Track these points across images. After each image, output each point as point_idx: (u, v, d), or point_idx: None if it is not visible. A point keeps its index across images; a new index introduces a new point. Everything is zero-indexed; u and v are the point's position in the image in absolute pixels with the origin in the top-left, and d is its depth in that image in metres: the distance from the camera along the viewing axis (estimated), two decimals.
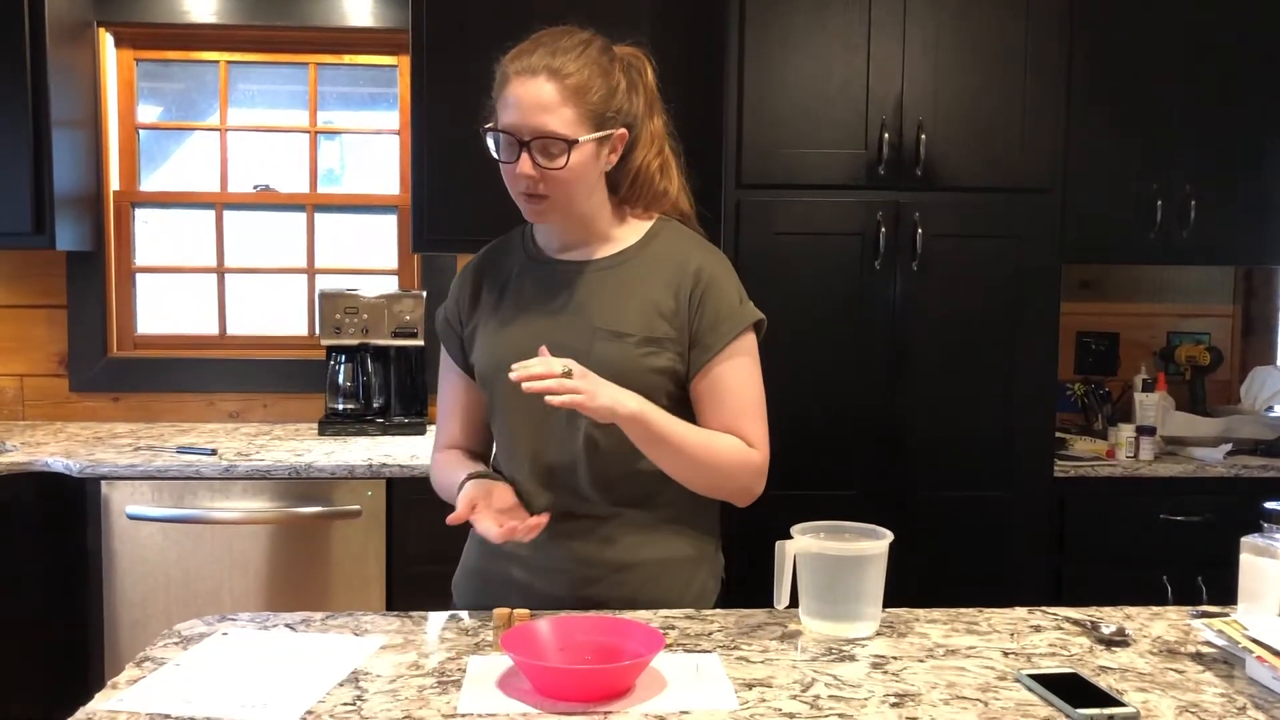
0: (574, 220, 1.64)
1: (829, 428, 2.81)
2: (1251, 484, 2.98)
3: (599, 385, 1.48)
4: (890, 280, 2.81)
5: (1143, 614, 1.62)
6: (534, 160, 1.54)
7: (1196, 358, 3.42)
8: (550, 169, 1.54)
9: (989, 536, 2.87)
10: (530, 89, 1.53)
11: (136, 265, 3.58)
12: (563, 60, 1.54)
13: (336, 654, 1.41)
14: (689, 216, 1.75)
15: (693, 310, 1.62)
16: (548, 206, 1.58)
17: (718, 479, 1.62)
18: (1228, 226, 3.18)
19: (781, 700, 1.28)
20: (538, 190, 1.56)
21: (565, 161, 1.54)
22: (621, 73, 1.61)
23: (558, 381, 1.44)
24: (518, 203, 1.61)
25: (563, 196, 1.58)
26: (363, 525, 2.83)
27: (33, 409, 3.48)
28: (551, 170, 1.54)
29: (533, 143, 1.53)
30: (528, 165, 1.54)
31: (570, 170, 1.55)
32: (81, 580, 2.82)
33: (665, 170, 1.72)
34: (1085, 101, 3.06)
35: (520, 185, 1.57)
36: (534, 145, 1.53)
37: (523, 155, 1.54)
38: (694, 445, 1.58)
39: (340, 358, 3.31)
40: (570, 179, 1.56)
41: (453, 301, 1.75)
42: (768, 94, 2.77)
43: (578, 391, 1.44)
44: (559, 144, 1.53)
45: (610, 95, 1.58)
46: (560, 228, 1.66)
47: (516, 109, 1.54)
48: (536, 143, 1.53)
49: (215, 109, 3.61)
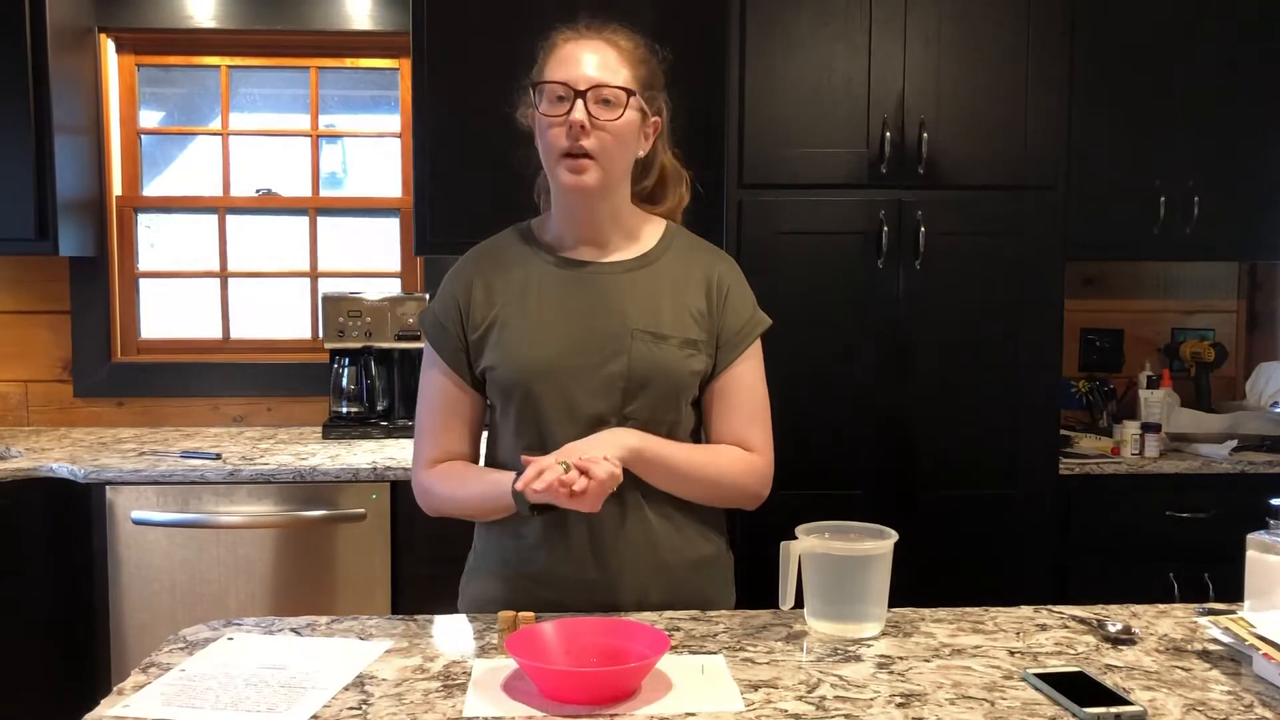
0: (604, 204, 1.62)
1: (832, 427, 2.81)
2: (1257, 480, 2.97)
3: (594, 464, 1.43)
4: (893, 279, 2.81)
5: (1149, 612, 1.62)
6: (589, 110, 1.54)
7: (1201, 354, 3.41)
8: (605, 119, 1.54)
9: (994, 535, 2.86)
10: (589, 47, 1.57)
11: (140, 270, 3.59)
12: (615, 34, 1.59)
13: (342, 658, 1.41)
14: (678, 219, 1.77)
15: (716, 316, 1.65)
16: (591, 167, 1.56)
17: (726, 491, 1.65)
18: (1231, 222, 3.17)
19: (787, 701, 1.28)
20: (584, 146, 1.54)
21: (621, 114, 1.55)
22: (657, 60, 1.65)
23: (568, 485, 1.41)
24: (555, 169, 1.58)
25: (607, 158, 1.57)
26: (367, 528, 2.83)
27: (37, 414, 3.49)
28: (606, 121, 1.54)
29: (589, 92, 1.54)
30: (581, 112, 1.53)
31: (623, 125, 1.56)
32: (87, 585, 2.83)
33: (678, 171, 1.75)
34: (1087, 98, 3.05)
35: (565, 141, 1.55)
36: (590, 95, 1.54)
37: (576, 103, 1.53)
38: (700, 466, 1.61)
39: (344, 361, 3.31)
40: (620, 136, 1.57)
41: (449, 304, 1.67)
42: (769, 93, 2.77)
43: (587, 477, 1.42)
44: (617, 93, 1.55)
45: (653, 77, 1.63)
46: (586, 216, 1.63)
47: (575, 63, 1.55)
48: (593, 92, 1.54)
49: (217, 113, 3.61)
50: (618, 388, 1.59)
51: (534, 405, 1.60)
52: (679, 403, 1.63)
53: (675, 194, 1.75)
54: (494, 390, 1.65)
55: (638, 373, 1.58)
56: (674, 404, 1.62)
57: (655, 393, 1.60)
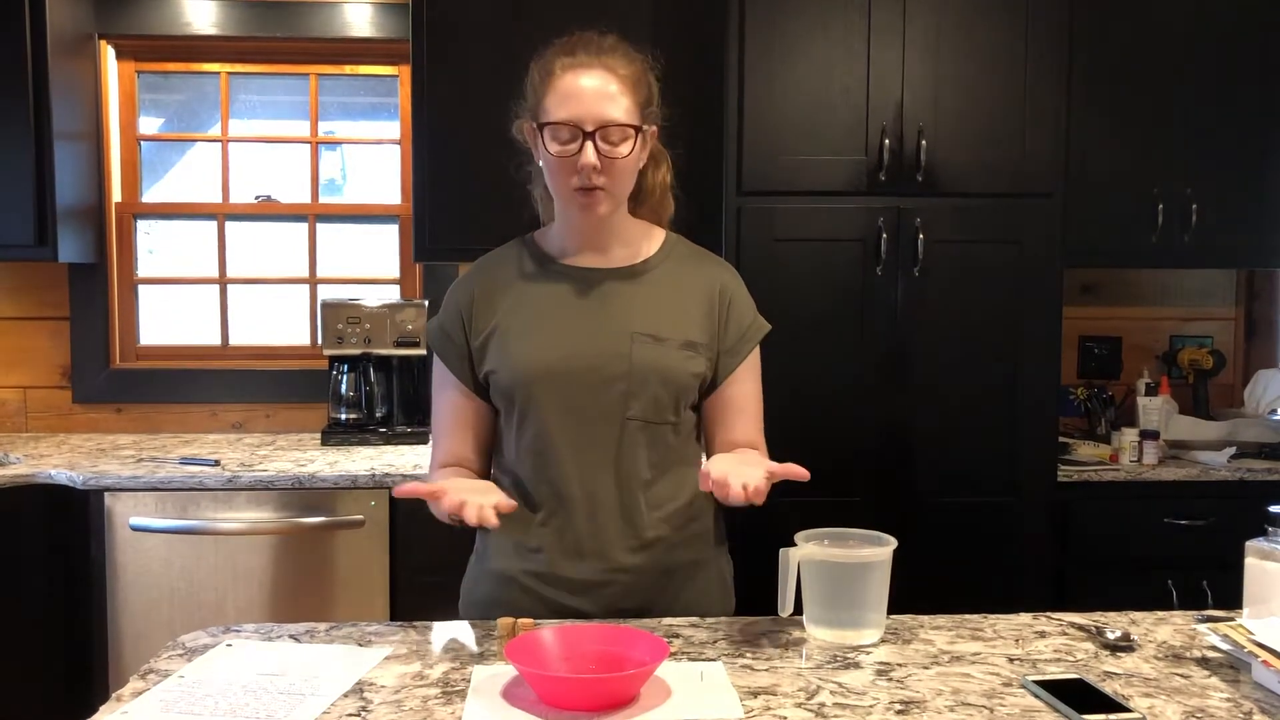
0: (611, 219, 1.64)
1: (831, 434, 2.81)
2: (1256, 487, 2.97)
3: (761, 495, 1.43)
4: (892, 286, 2.81)
5: (1148, 619, 1.62)
6: (598, 149, 1.54)
7: (1199, 361, 3.42)
8: (615, 157, 1.55)
9: (993, 542, 2.86)
10: (592, 80, 1.56)
11: (139, 276, 3.59)
12: (611, 57, 1.58)
13: (341, 665, 1.41)
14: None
15: (720, 323, 1.67)
16: (603, 198, 1.58)
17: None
18: (1229, 229, 3.17)
19: (786, 708, 1.28)
20: (597, 181, 1.56)
21: (631, 149, 1.57)
22: (652, 74, 1.65)
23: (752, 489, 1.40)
24: (566, 199, 1.60)
25: (617, 187, 1.59)
26: (366, 535, 2.83)
27: (36, 421, 3.49)
28: (615, 158, 1.56)
29: (597, 132, 1.54)
30: (592, 154, 1.54)
31: (632, 158, 1.58)
32: (85, 592, 2.82)
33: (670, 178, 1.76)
34: (1085, 106, 3.06)
35: (578, 179, 1.56)
36: (598, 135, 1.54)
37: (586, 145, 1.54)
38: None
39: (343, 367, 3.31)
40: (629, 167, 1.59)
41: (453, 314, 1.71)
42: (768, 100, 2.77)
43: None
44: (623, 131, 1.56)
45: (650, 92, 1.63)
46: (593, 229, 1.65)
47: (578, 100, 1.55)
48: (600, 131, 1.54)
49: (216, 120, 3.62)
50: (618, 390, 1.60)
51: (536, 408, 1.61)
52: (679, 405, 1.65)
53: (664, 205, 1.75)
54: (497, 395, 1.66)
55: (638, 375, 1.60)
56: (674, 406, 1.64)
57: (655, 395, 1.61)
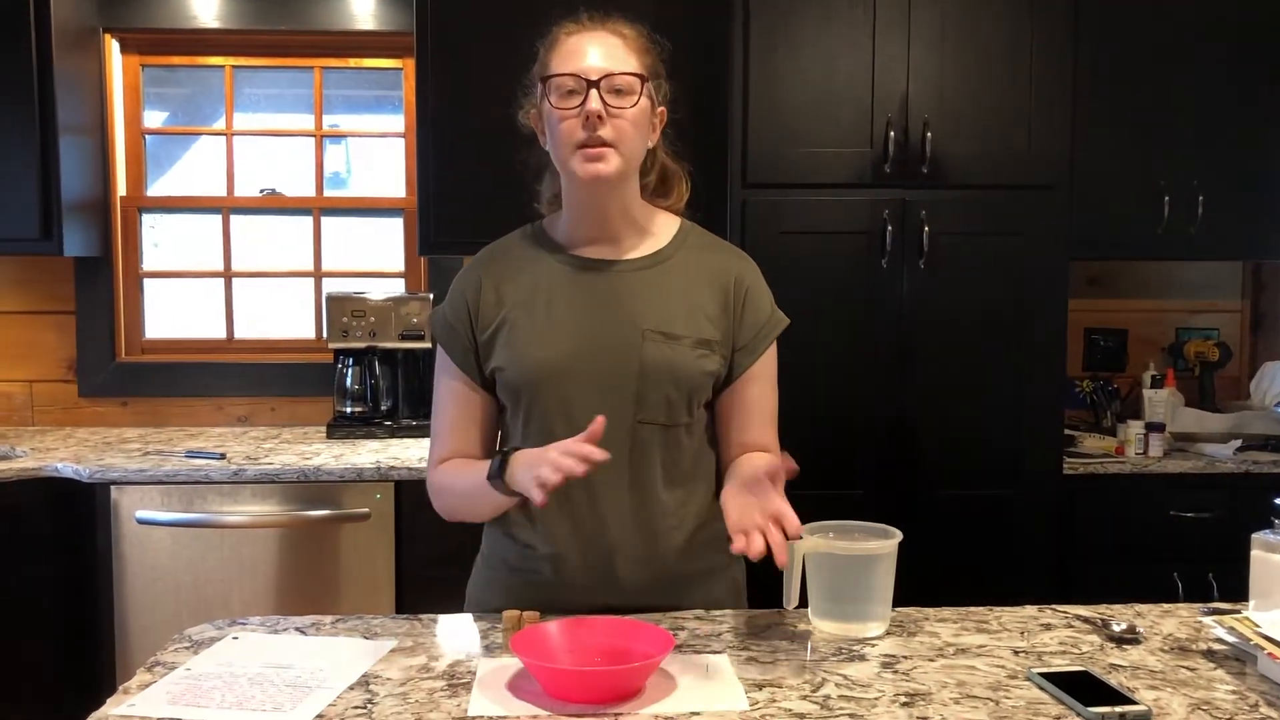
0: (617, 197, 1.61)
1: (837, 427, 2.81)
2: (1262, 480, 2.96)
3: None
4: (897, 278, 2.80)
5: (1153, 611, 1.62)
6: (603, 99, 1.53)
7: (1205, 353, 3.41)
8: (619, 107, 1.53)
9: (998, 535, 2.86)
10: (595, 38, 1.56)
11: (144, 270, 3.59)
12: (618, 25, 1.59)
13: (347, 657, 1.41)
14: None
15: (735, 317, 1.63)
16: (609, 155, 1.54)
17: None
18: (1236, 221, 3.16)
19: (792, 701, 1.28)
20: (600, 136, 1.53)
21: (635, 101, 1.55)
22: (658, 50, 1.64)
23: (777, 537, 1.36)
24: (569, 163, 1.56)
25: (625, 145, 1.55)
26: (371, 528, 2.84)
27: (42, 414, 3.49)
28: (621, 109, 1.53)
29: (601, 81, 1.53)
30: (597, 101, 1.52)
31: (637, 112, 1.56)
32: (92, 585, 2.83)
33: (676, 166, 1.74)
34: (1092, 97, 3.05)
35: (581, 133, 1.53)
36: (602, 85, 1.53)
37: (591, 92, 1.52)
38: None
39: (348, 361, 3.31)
40: (635, 122, 1.56)
41: (459, 305, 1.66)
42: (773, 93, 2.77)
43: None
44: (630, 80, 1.54)
45: (658, 65, 1.62)
46: (599, 211, 1.61)
47: (583, 54, 1.55)
48: (605, 81, 1.53)
49: (221, 113, 3.62)
50: (629, 389, 1.56)
51: (543, 407, 1.58)
52: (692, 404, 1.60)
53: (677, 190, 1.73)
54: (503, 391, 1.63)
55: (649, 374, 1.56)
56: (686, 406, 1.60)
57: (667, 394, 1.57)
